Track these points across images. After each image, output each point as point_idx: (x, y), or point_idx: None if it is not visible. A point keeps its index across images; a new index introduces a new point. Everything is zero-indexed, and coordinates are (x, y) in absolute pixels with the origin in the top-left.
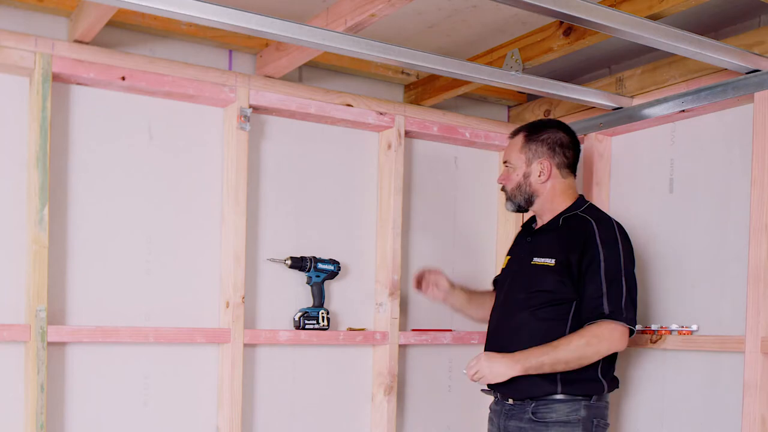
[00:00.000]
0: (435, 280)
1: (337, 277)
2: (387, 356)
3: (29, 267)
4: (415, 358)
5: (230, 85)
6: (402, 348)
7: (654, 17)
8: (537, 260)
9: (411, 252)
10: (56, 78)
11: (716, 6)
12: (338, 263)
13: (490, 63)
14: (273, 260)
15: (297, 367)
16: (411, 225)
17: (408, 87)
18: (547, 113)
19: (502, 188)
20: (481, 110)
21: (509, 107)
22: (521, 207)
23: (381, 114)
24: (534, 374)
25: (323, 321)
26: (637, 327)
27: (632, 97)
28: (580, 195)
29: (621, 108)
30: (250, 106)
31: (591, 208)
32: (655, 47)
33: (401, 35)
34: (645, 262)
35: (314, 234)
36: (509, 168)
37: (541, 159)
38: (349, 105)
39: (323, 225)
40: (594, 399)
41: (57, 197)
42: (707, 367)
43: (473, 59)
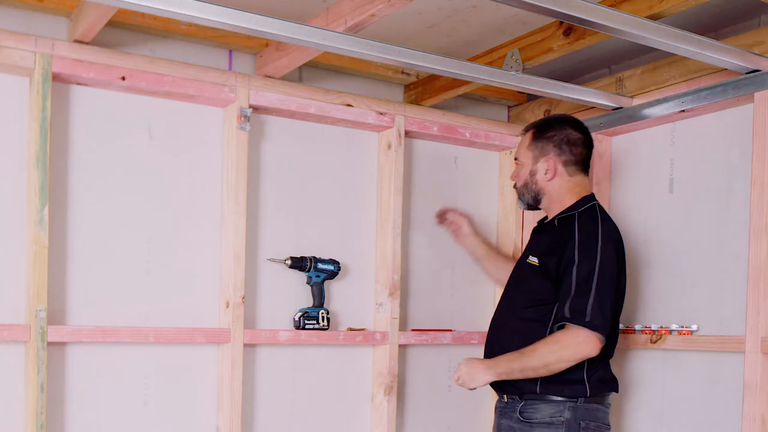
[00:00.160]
0: (457, 221)
1: (337, 277)
2: (387, 356)
3: (29, 267)
4: (415, 358)
5: (230, 85)
6: (402, 348)
7: (654, 17)
8: (530, 259)
9: (411, 252)
10: (56, 78)
11: (716, 6)
12: (338, 263)
13: (490, 63)
14: (273, 260)
15: (297, 367)
16: (411, 225)
17: (408, 87)
18: (547, 113)
19: (514, 185)
20: (481, 110)
21: (509, 107)
22: (530, 205)
23: (381, 114)
24: (536, 377)
25: (323, 321)
26: (637, 327)
27: (632, 97)
28: (588, 194)
29: (621, 108)
30: (250, 106)
31: (587, 210)
32: (655, 47)
33: (401, 35)
34: (645, 262)
35: (314, 234)
36: (518, 166)
37: (547, 157)
38: (349, 105)
39: (323, 225)
40: (581, 401)
41: (57, 197)
42: (707, 367)
43: (473, 59)
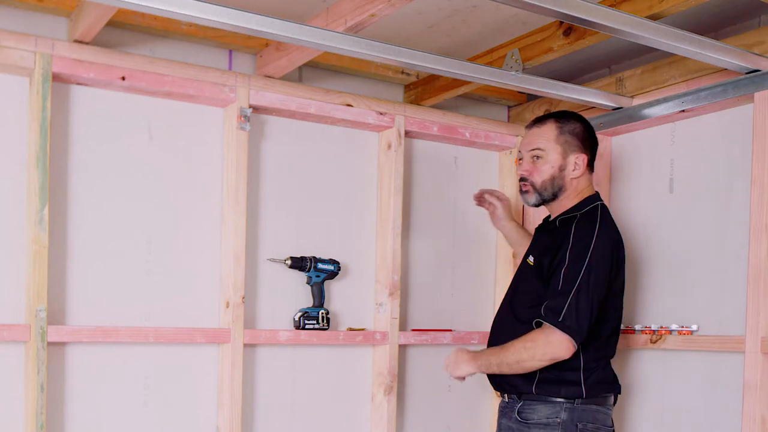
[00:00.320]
0: (494, 203)
1: (337, 277)
2: (387, 356)
3: (29, 267)
4: (415, 358)
5: (230, 85)
6: (402, 348)
7: (654, 17)
8: (529, 259)
9: (411, 252)
10: (56, 78)
11: (716, 6)
12: (338, 263)
13: (490, 63)
14: (273, 260)
15: (297, 367)
16: (411, 225)
17: (408, 87)
18: (547, 113)
19: (523, 180)
20: (481, 110)
21: (509, 107)
22: (546, 201)
23: (381, 114)
24: (514, 373)
25: (323, 321)
26: (637, 327)
27: (632, 97)
28: (593, 194)
29: (621, 108)
30: (250, 106)
31: (589, 211)
32: (655, 47)
33: (401, 35)
34: (645, 262)
35: (314, 234)
36: (539, 159)
37: (577, 152)
38: (349, 105)
39: (323, 225)
40: (578, 402)
41: (57, 197)
42: (707, 367)
43: (473, 59)
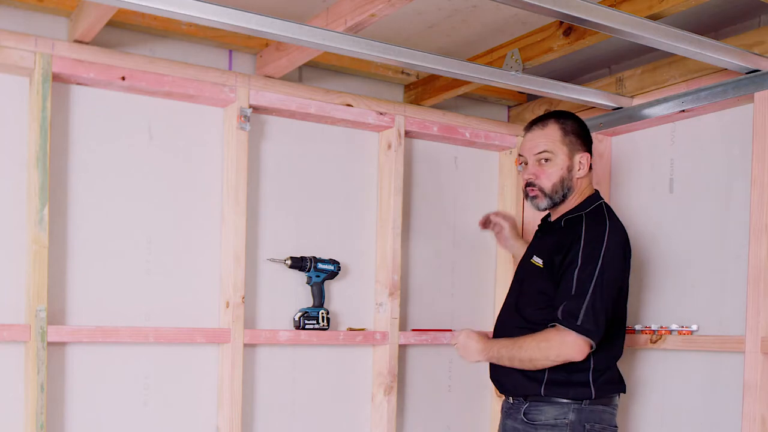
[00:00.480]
0: (500, 224)
1: (337, 277)
2: (387, 356)
3: (29, 267)
4: (415, 358)
5: (230, 85)
6: (402, 348)
7: (654, 17)
8: (534, 259)
9: (411, 252)
10: (56, 78)
11: (716, 6)
12: (338, 263)
13: (490, 63)
14: (273, 260)
15: (297, 367)
16: (411, 225)
17: (408, 87)
18: (544, 114)
19: (531, 185)
20: (481, 110)
21: (509, 107)
22: (556, 204)
23: (381, 114)
24: (521, 374)
25: (323, 321)
26: (637, 327)
27: (632, 97)
28: (593, 194)
29: (621, 108)
30: (250, 106)
31: (595, 210)
32: (655, 47)
33: (401, 35)
34: (645, 262)
35: (314, 234)
36: (547, 161)
37: (581, 152)
38: (349, 105)
39: (323, 225)
40: (586, 403)
41: (57, 197)
42: (707, 367)
43: (473, 59)
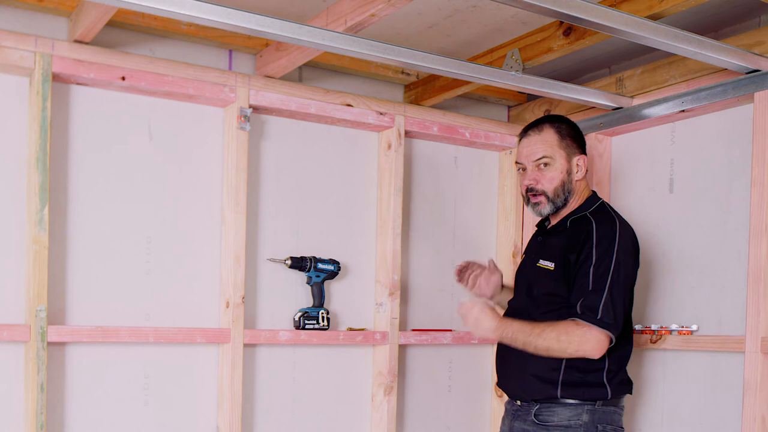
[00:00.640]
0: (486, 278)
1: (337, 277)
2: (387, 356)
3: (29, 267)
4: (415, 358)
5: (230, 85)
6: (402, 348)
7: (654, 17)
8: (541, 263)
9: (411, 252)
10: (56, 78)
11: (716, 6)
12: (338, 263)
13: (490, 63)
14: (273, 260)
15: (297, 367)
16: (411, 225)
17: (408, 87)
18: (547, 113)
19: (532, 190)
20: (481, 110)
21: (509, 107)
22: (559, 209)
23: (381, 114)
24: (535, 377)
25: (323, 321)
26: (637, 327)
27: (632, 97)
28: (591, 194)
29: (621, 108)
30: (250, 106)
31: (599, 209)
32: (655, 47)
33: (401, 35)
34: (645, 262)
35: (314, 234)
36: (547, 166)
37: (579, 155)
38: (349, 105)
39: (323, 225)
40: (599, 404)
41: (57, 197)
42: (707, 367)
43: (473, 59)
